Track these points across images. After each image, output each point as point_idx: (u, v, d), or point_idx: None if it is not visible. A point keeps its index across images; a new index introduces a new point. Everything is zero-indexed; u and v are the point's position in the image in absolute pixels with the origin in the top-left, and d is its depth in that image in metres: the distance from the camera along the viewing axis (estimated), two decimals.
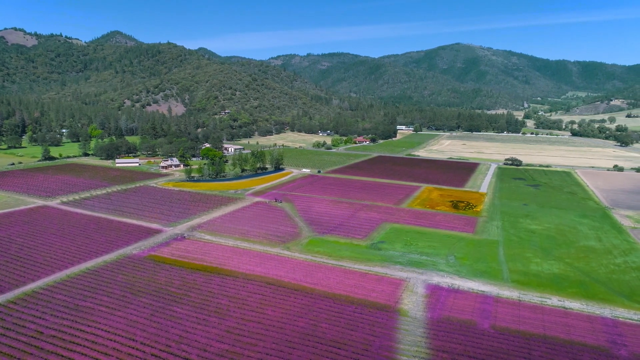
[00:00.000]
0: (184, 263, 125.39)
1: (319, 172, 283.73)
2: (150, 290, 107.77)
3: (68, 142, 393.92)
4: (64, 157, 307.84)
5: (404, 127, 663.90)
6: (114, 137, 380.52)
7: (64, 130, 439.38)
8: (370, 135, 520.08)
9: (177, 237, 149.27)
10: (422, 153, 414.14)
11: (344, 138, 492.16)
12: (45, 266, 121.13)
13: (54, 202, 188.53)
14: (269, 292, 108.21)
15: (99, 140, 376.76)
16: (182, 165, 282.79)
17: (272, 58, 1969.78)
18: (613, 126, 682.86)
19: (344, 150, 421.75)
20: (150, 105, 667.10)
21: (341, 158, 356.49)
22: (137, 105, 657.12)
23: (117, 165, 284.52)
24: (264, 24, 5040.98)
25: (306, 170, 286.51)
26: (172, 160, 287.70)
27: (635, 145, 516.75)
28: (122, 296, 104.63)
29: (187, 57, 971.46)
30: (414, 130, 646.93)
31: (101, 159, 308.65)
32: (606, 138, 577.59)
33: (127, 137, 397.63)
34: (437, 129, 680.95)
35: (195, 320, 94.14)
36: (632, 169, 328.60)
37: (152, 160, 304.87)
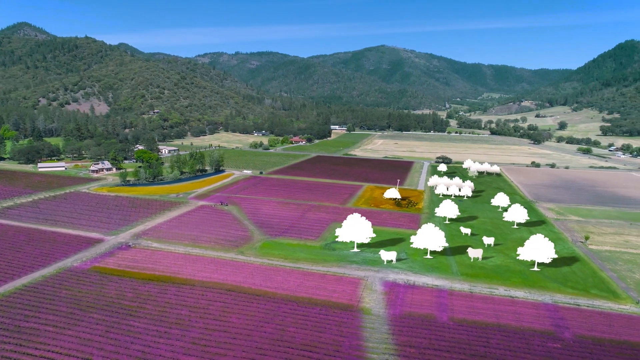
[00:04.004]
0: (133, 274, 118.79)
1: (261, 173, 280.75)
2: (101, 305, 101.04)
3: None
4: None
5: (337, 126, 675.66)
6: (32, 139, 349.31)
7: None
8: (306, 135, 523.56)
9: (122, 245, 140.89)
10: (358, 152, 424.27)
11: (280, 138, 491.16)
12: None
13: None
14: (230, 299, 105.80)
15: (15, 142, 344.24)
16: (114, 169, 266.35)
17: (199, 56, 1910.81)
18: (525, 125, 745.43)
19: (282, 150, 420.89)
20: (69, 104, 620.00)
21: (281, 158, 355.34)
22: (55, 104, 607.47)
23: (40, 170, 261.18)
24: (189, 19, 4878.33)
25: (247, 172, 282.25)
26: (103, 163, 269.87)
27: (546, 142, 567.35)
28: (70, 313, 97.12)
29: (108, 53, 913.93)
30: (347, 130, 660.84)
31: (20, 163, 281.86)
32: (521, 136, 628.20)
33: (47, 139, 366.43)
34: (369, 129, 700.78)
35: (156, 334, 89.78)
36: (547, 165, 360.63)
37: (80, 163, 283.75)
